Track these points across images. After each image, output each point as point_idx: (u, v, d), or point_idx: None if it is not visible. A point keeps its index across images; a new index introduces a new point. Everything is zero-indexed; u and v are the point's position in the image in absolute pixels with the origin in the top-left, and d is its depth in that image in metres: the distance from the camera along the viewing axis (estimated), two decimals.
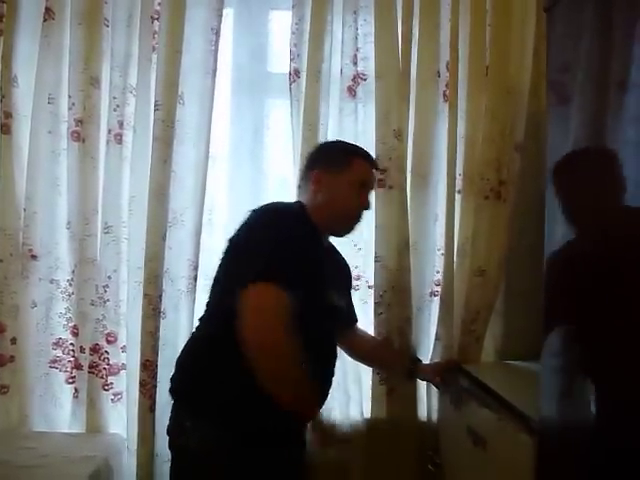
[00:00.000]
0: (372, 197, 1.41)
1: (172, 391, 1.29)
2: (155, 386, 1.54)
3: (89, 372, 1.61)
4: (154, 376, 1.54)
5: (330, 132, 1.65)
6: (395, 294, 1.63)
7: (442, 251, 1.68)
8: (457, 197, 1.67)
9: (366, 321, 1.64)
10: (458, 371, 1.61)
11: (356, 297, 1.63)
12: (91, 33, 1.58)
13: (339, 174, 1.34)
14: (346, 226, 1.39)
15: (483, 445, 1.41)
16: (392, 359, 1.65)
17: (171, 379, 1.31)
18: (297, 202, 1.37)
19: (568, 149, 1.07)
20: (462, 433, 1.55)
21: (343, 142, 1.51)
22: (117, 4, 1.60)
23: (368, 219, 1.55)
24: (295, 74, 1.64)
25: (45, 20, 1.57)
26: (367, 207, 1.39)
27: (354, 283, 1.62)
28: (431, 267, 1.70)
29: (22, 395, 1.62)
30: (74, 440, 1.60)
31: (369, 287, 1.68)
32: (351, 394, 1.66)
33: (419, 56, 1.65)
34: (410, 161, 1.65)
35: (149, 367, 1.54)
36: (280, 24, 1.82)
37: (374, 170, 1.42)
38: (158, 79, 1.56)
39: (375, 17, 1.63)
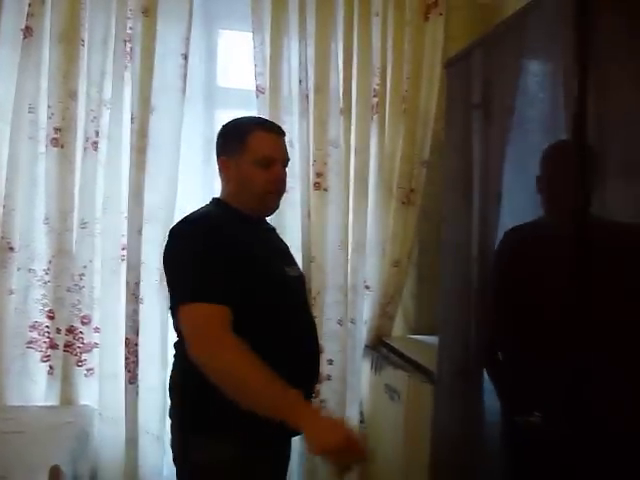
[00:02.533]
0: (282, 168, 1.32)
1: (170, 413, 1.30)
2: (135, 362, 1.79)
3: (64, 351, 1.82)
4: (134, 353, 1.79)
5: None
6: (331, 292, 1.93)
7: (368, 247, 2.06)
8: (381, 202, 2.06)
9: None
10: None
11: None
12: (69, 51, 1.78)
13: (239, 157, 1.29)
14: (264, 205, 1.33)
15: (398, 397, 1.83)
16: None
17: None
18: (212, 199, 1.36)
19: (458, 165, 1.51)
20: (381, 391, 1.97)
21: (237, 120, 1.40)
22: (93, 27, 1.81)
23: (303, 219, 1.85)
24: (260, 90, 1.91)
25: (25, 37, 1.76)
26: (278, 179, 1.31)
27: None
28: (362, 263, 2.04)
29: None
30: (50, 411, 1.81)
31: None
32: None
33: (357, 79, 1.99)
34: (347, 167, 1.98)
35: (130, 345, 1.78)
36: (228, 43, 2.11)
37: (278, 135, 1.33)
38: (133, 95, 1.80)
39: (315, 44, 1.95)
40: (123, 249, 1.84)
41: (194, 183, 1.96)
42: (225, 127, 1.39)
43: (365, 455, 1.17)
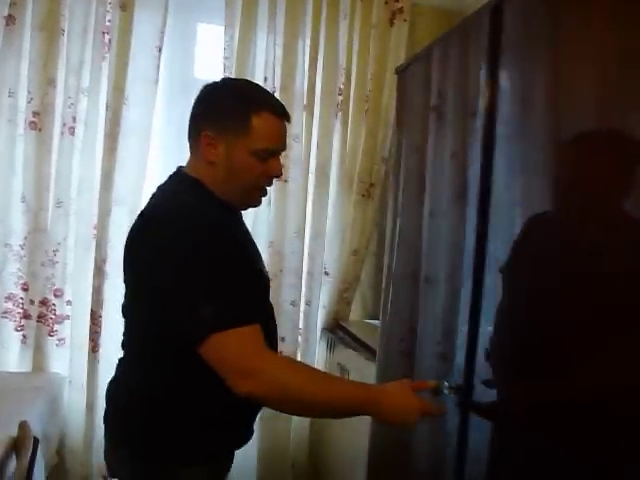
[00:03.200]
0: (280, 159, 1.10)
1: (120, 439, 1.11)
2: (98, 332, 1.93)
3: (37, 321, 1.95)
4: (99, 324, 1.93)
5: None
6: (287, 276, 2.07)
7: (328, 237, 2.20)
8: (342, 194, 2.20)
9: None
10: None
11: None
12: (49, 40, 1.89)
13: (236, 137, 1.03)
14: (248, 200, 1.13)
15: (347, 373, 1.99)
16: None
17: (112, 422, 1.14)
18: (183, 176, 1.10)
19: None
20: (334, 369, 2.13)
21: (240, 85, 1.17)
22: (73, 17, 1.91)
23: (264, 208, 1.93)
24: None
25: (7, 25, 1.86)
26: (277, 174, 1.10)
27: None
28: (320, 250, 2.18)
29: None
30: (22, 377, 1.94)
31: None
32: None
33: (323, 78, 2.11)
34: (311, 162, 2.11)
35: (95, 317, 1.92)
36: (205, 36, 2.21)
37: (286, 121, 1.09)
38: (109, 85, 1.91)
39: (283, 43, 2.06)
40: (94, 228, 1.97)
41: (165, 170, 2.07)
42: (221, 91, 1.09)
43: (441, 414, 1.17)
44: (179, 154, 2.07)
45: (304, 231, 2.11)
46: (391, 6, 2.14)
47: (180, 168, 1.15)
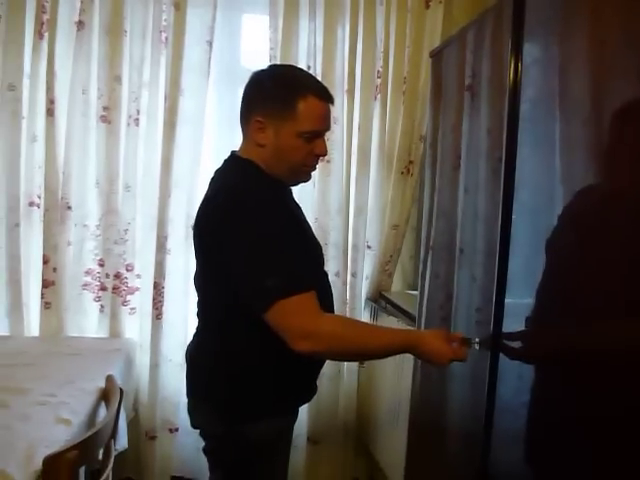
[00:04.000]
0: (326, 137, 1.22)
1: (207, 398, 1.27)
2: (161, 301, 2.17)
3: (112, 292, 2.21)
4: (162, 294, 2.16)
5: None
6: (331, 249, 2.22)
7: (370, 213, 2.34)
8: (382, 172, 2.33)
9: None
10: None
11: None
12: (114, 41, 2.11)
13: (284, 121, 1.14)
14: (296, 178, 1.25)
15: None
16: None
17: (196, 381, 1.31)
18: (239, 160, 1.22)
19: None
20: None
21: (284, 72, 1.26)
22: (134, 19, 2.12)
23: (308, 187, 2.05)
24: None
25: (78, 30, 2.09)
26: (323, 154, 1.21)
27: None
28: (362, 225, 2.32)
29: (60, 310, 2.20)
30: (102, 341, 2.21)
31: None
32: None
33: (362, 62, 2.23)
34: (353, 143, 2.25)
35: (157, 287, 2.16)
36: (251, 26, 2.36)
37: (329, 104, 1.19)
38: (166, 78, 2.12)
39: (324, 31, 2.19)
40: (157, 209, 2.19)
41: (217, 154, 2.27)
42: (269, 78, 1.20)
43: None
44: (230, 139, 2.30)
45: (347, 208, 2.26)
46: None
47: (233, 152, 1.28)
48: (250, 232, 1.11)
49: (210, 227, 1.17)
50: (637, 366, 0.95)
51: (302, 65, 2.18)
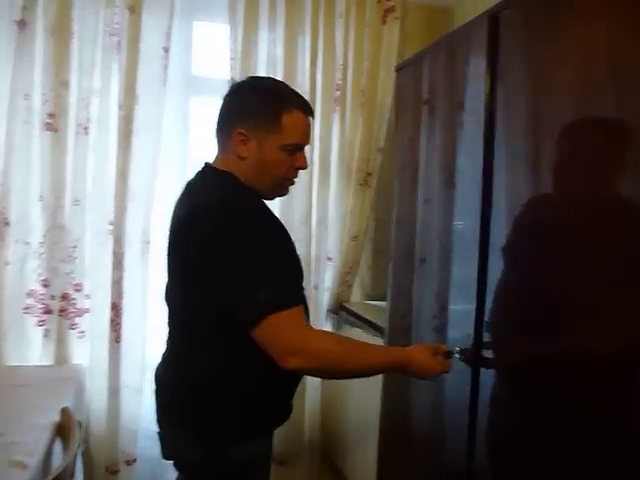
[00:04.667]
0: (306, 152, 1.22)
1: (180, 421, 1.21)
2: (120, 323, 2.02)
3: (58, 315, 2.03)
4: (119, 315, 2.02)
5: None
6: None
7: (330, 225, 2.34)
8: (342, 183, 2.33)
9: None
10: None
11: None
12: (60, 43, 1.95)
13: (268, 134, 1.13)
14: (277, 191, 1.25)
15: None
16: None
17: (170, 406, 1.24)
18: (217, 171, 1.19)
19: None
20: None
21: (268, 85, 1.24)
22: (82, 21, 1.98)
23: None
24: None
25: (20, 29, 1.91)
26: (304, 167, 1.21)
27: None
28: (324, 236, 2.32)
29: None
30: (49, 369, 2.02)
31: None
32: None
33: (322, 74, 2.23)
34: (314, 154, 2.23)
35: (115, 308, 2.01)
36: (209, 34, 2.29)
37: (311, 117, 1.20)
38: (120, 85, 1.99)
39: (284, 42, 2.17)
40: (110, 224, 2.05)
41: (169, 164, 2.17)
42: (251, 91, 1.19)
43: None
44: (184, 149, 2.21)
45: (310, 219, 2.24)
46: (383, 5, 2.28)
47: (208, 164, 1.23)
48: (240, 246, 1.08)
49: (194, 244, 1.11)
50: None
51: (262, 74, 2.14)
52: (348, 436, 2.23)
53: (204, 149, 2.19)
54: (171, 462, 1.27)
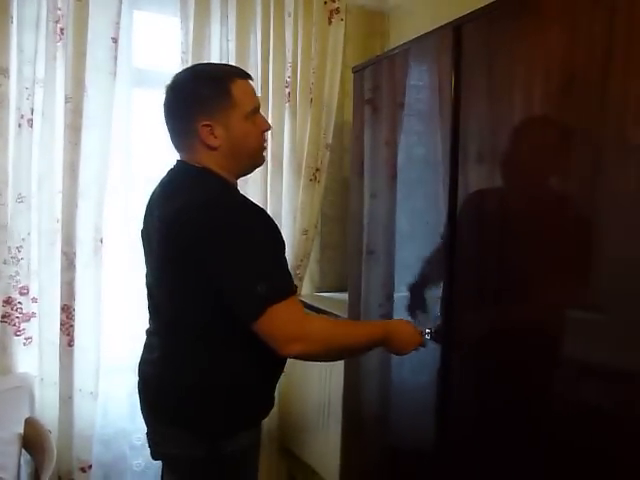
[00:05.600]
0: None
1: (172, 418, 1.22)
2: (72, 326, 1.92)
3: (2, 321, 1.88)
4: (72, 317, 1.91)
5: None
6: None
7: (282, 219, 2.38)
8: (293, 178, 2.38)
9: None
10: None
11: None
12: None
13: (227, 115, 1.16)
14: (257, 162, 1.30)
15: None
16: None
17: (160, 405, 1.25)
18: (191, 167, 1.20)
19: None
20: None
21: (204, 69, 1.29)
22: (23, 4, 1.84)
23: None
24: None
25: None
26: (268, 127, 1.27)
27: None
28: None
29: None
30: None
31: None
32: None
33: (273, 70, 2.25)
34: (268, 149, 2.23)
35: (67, 311, 1.90)
36: (140, 23, 2.21)
37: (250, 81, 1.24)
38: (67, 76, 1.88)
39: (236, 39, 2.17)
40: (58, 222, 1.93)
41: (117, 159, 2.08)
42: (195, 82, 1.19)
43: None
44: (129, 144, 2.12)
45: None
46: (329, 6, 2.35)
47: (181, 162, 1.23)
48: (233, 243, 1.10)
49: (185, 244, 1.12)
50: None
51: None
52: (308, 424, 2.29)
53: (148, 144, 2.19)
54: (151, 463, 1.30)
